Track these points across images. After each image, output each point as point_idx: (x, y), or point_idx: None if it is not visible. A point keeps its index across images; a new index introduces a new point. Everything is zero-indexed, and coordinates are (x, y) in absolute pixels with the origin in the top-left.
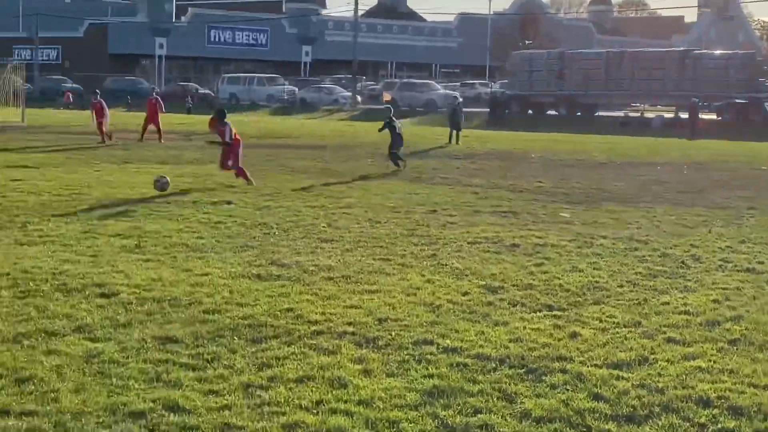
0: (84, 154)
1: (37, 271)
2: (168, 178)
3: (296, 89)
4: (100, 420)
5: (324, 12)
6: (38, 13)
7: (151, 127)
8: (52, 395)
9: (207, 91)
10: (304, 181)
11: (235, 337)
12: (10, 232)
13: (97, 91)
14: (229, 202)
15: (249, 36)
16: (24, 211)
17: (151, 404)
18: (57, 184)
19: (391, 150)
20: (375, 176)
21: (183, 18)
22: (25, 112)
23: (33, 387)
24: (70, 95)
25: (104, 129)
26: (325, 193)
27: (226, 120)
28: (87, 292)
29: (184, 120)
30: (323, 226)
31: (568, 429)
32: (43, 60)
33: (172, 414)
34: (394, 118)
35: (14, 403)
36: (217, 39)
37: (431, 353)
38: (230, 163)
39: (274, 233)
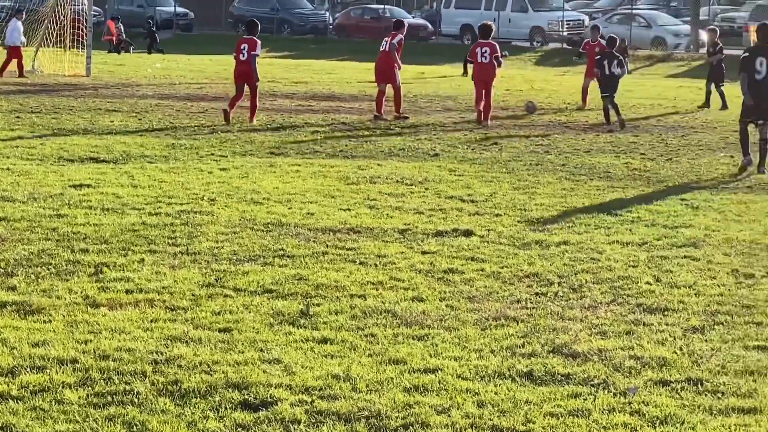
0: (201, 136)
1: (126, 356)
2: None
3: (584, 18)
4: None
5: None
6: None
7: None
8: None
9: (421, 21)
10: (600, 193)
11: None
12: (75, 281)
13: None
14: (468, 233)
15: None
16: (96, 244)
17: None
18: (152, 194)
19: None
20: (737, 184)
21: None
22: (90, 60)
23: None
24: (114, 31)
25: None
26: (646, 215)
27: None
28: (216, 399)
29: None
30: (647, 282)
31: None
32: None
33: None
34: None
35: None
36: None
37: None
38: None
39: (555, 293)
